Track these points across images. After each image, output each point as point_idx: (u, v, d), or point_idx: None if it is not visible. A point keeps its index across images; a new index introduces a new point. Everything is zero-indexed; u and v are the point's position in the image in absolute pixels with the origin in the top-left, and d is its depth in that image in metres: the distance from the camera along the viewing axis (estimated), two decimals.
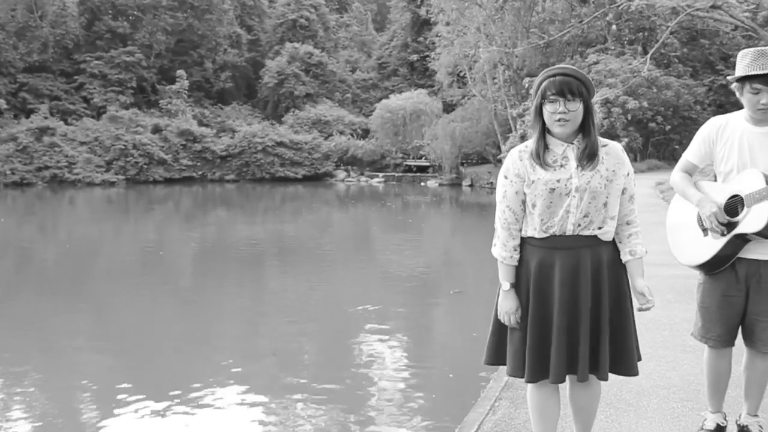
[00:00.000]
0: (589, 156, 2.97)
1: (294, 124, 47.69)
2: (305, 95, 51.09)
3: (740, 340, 3.67)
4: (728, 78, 3.75)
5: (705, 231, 3.63)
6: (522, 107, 33.03)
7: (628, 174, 3.09)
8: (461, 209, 31.28)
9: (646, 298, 3.10)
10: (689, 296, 6.92)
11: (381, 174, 44.82)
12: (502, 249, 3.11)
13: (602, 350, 3.03)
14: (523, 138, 31.05)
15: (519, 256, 3.10)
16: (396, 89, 50.39)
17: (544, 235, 3.02)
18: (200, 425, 6.44)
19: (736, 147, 3.55)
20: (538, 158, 2.99)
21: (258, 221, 25.90)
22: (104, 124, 43.35)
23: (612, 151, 3.06)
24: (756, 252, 3.51)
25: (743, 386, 3.77)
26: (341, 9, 65.83)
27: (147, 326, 10.18)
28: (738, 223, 3.47)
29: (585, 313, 2.99)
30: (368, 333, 9.71)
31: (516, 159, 3.06)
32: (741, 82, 3.49)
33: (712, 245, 3.56)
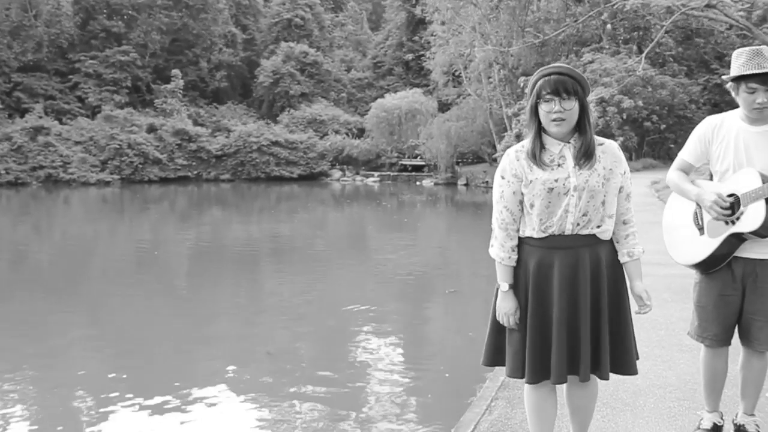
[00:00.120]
0: (587, 155, 2.96)
1: (289, 124, 47.71)
2: (300, 94, 51.12)
3: (737, 340, 3.66)
4: (723, 77, 3.74)
5: (701, 230, 3.62)
6: (517, 106, 33.09)
7: (625, 172, 3.09)
8: (456, 208, 31.27)
9: (644, 303, 3.12)
10: (685, 295, 6.93)
11: (376, 173, 44.82)
12: (500, 250, 3.08)
13: (603, 350, 3.02)
14: (519, 137, 31.11)
15: (517, 257, 3.08)
16: (391, 88, 50.51)
17: (543, 235, 3.00)
18: (195, 425, 6.42)
19: (732, 146, 3.54)
20: (535, 158, 2.97)
21: (253, 221, 25.86)
22: (99, 124, 43.31)
23: (608, 150, 3.05)
24: (752, 251, 3.50)
25: (740, 385, 3.76)
26: (336, 8, 65.89)
27: (142, 326, 10.15)
28: (742, 210, 3.47)
29: (585, 313, 2.98)
30: (363, 333, 9.70)
31: (513, 159, 3.03)
32: (736, 82, 3.47)
33: (709, 244, 3.55)
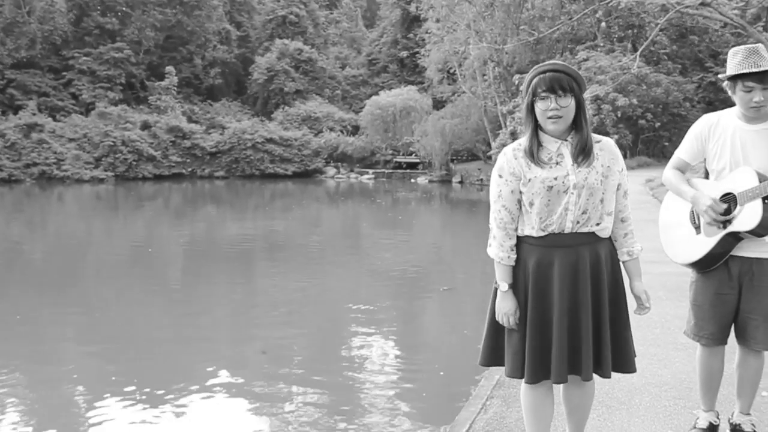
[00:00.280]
0: (584, 152, 2.95)
1: (284, 121, 47.61)
2: (295, 92, 51.02)
3: (733, 338, 3.66)
4: (720, 76, 3.73)
5: (697, 229, 3.61)
6: (512, 104, 33.08)
7: (622, 170, 3.08)
8: (451, 206, 31.26)
9: (643, 304, 3.12)
10: (680, 293, 6.93)
11: (371, 171, 44.76)
12: (499, 249, 3.05)
13: (604, 348, 3.01)
14: (513, 134, 31.08)
15: (516, 256, 3.06)
16: (386, 86, 50.45)
17: (542, 234, 2.98)
18: (189, 423, 6.41)
19: (729, 145, 3.53)
20: (532, 156, 2.96)
21: (248, 218, 25.81)
22: (93, 121, 43.15)
23: (606, 147, 3.05)
24: (749, 250, 3.50)
25: (736, 384, 3.76)
26: (331, 5, 65.76)
27: (136, 324, 10.12)
28: (735, 215, 3.46)
29: (586, 311, 2.96)
30: (358, 331, 9.69)
31: (510, 157, 3.01)
32: (733, 80, 3.46)
33: (705, 243, 3.55)
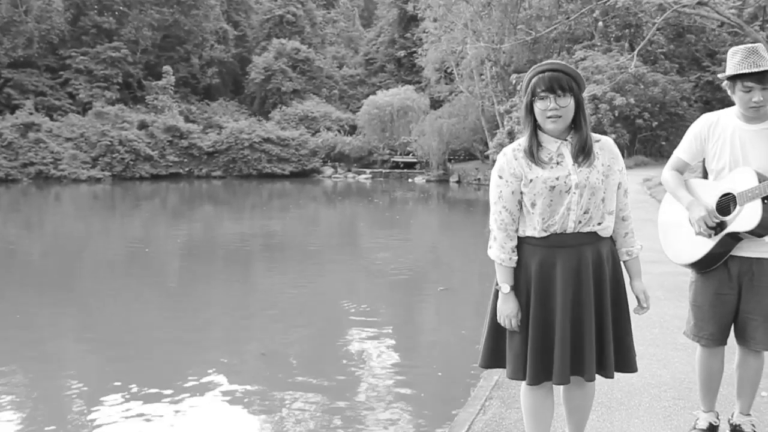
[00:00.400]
0: (584, 152, 2.93)
1: (281, 121, 47.56)
2: (292, 91, 50.98)
3: (732, 339, 3.64)
4: (719, 75, 3.71)
5: None
6: (509, 103, 33.10)
7: (622, 169, 3.07)
8: (448, 205, 31.26)
9: (641, 304, 3.12)
10: (679, 293, 6.93)
11: (368, 170, 44.72)
12: (501, 251, 3.02)
13: (606, 348, 3.00)
14: (511, 134, 31.11)
15: (517, 258, 3.04)
16: (383, 85, 50.46)
17: (544, 234, 2.96)
18: (187, 424, 6.39)
19: (728, 144, 3.51)
20: (532, 156, 2.94)
21: (245, 218, 25.78)
22: (90, 120, 43.08)
23: (605, 146, 3.04)
24: (748, 250, 3.49)
25: (735, 385, 3.75)
26: (328, 5, 65.71)
27: (134, 324, 10.09)
28: (727, 224, 3.45)
29: (589, 312, 2.95)
30: (356, 331, 9.67)
31: (511, 158, 2.99)
32: (732, 80, 3.45)
33: (705, 243, 3.53)
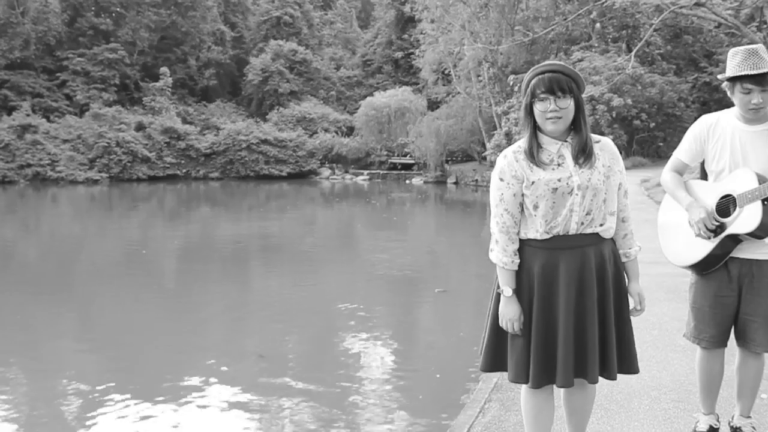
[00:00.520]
0: (585, 153, 2.92)
1: (278, 122, 47.56)
2: (289, 93, 50.98)
3: (732, 341, 3.63)
4: (719, 76, 3.70)
5: None
6: (507, 105, 33.09)
7: (622, 170, 3.06)
8: (446, 207, 31.25)
9: (635, 307, 3.10)
10: (677, 295, 6.92)
11: (366, 171, 44.74)
12: (503, 254, 3.00)
13: (610, 350, 2.99)
14: (508, 135, 31.10)
15: (519, 260, 3.02)
16: (380, 87, 50.46)
17: (547, 236, 2.94)
18: (185, 425, 6.36)
19: (728, 146, 3.50)
20: (533, 157, 2.92)
21: (242, 219, 25.74)
22: (87, 122, 43.07)
23: (606, 147, 3.03)
24: (749, 251, 3.47)
25: (736, 387, 3.73)
26: (325, 6, 65.74)
27: (131, 326, 10.06)
28: (727, 226, 3.44)
29: (592, 313, 2.93)
30: (353, 333, 9.64)
31: (512, 160, 2.97)
32: (732, 81, 3.43)
33: (705, 245, 3.52)
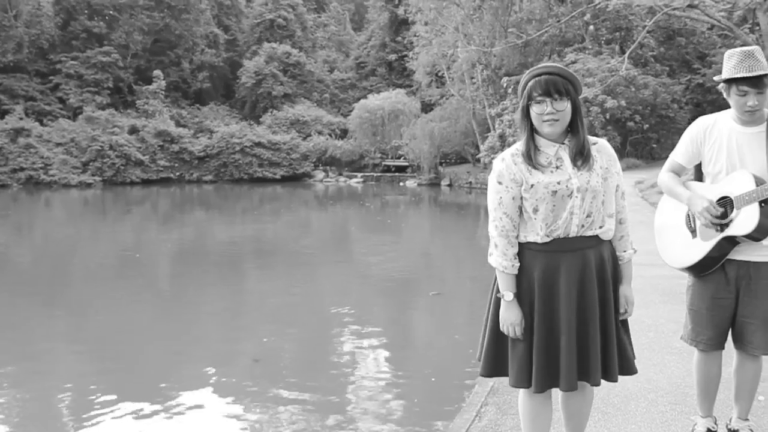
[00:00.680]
0: (583, 155, 2.91)
1: (272, 125, 47.53)
2: (283, 95, 50.96)
3: (729, 343, 3.61)
4: (715, 78, 3.69)
5: (693, 232, 3.57)
6: (500, 107, 33.09)
7: (619, 171, 3.06)
8: (440, 209, 31.25)
9: (623, 309, 3.08)
10: (673, 297, 6.91)
11: (360, 174, 44.72)
12: (503, 258, 2.98)
13: (610, 352, 2.98)
14: (502, 137, 31.10)
15: (519, 264, 3.00)
16: (374, 89, 50.45)
17: (547, 239, 2.93)
18: (179, 428, 6.34)
19: (725, 148, 3.49)
20: (531, 160, 2.91)
21: (236, 222, 25.70)
22: (80, 125, 42.95)
23: (603, 149, 3.02)
24: (746, 253, 3.45)
25: (733, 389, 3.72)
26: (319, 9, 65.75)
27: (125, 330, 10.01)
28: (729, 220, 3.42)
29: (593, 315, 2.92)
30: (348, 336, 9.62)
31: (510, 163, 2.95)
32: (728, 84, 3.42)
33: (701, 247, 3.50)
